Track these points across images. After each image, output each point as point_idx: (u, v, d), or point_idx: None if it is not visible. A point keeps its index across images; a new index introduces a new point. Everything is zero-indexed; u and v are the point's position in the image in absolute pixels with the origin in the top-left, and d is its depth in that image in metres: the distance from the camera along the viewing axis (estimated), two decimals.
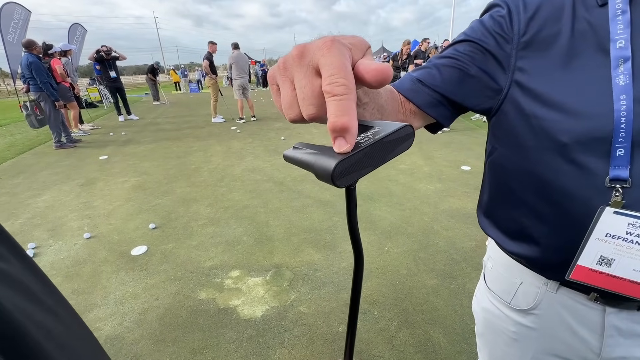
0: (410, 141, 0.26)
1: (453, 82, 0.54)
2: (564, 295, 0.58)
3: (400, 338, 1.62)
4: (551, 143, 0.49)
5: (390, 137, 0.25)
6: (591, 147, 0.46)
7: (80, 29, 10.83)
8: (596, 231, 0.47)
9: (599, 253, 0.48)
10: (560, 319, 0.59)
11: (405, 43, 7.12)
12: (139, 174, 4.20)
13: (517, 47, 0.51)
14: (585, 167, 0.47)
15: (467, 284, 1.98)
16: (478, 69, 0.53)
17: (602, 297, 0.54)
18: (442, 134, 5.89)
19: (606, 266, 0.49)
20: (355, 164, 0.23)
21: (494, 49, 0.53)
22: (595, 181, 0.47)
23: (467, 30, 0.57)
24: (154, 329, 1.73)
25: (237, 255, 2.37)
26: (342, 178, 0.22)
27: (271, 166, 4.35)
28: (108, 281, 2.13)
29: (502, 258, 0.67)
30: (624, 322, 0.54)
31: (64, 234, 2.74)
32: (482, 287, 0.74)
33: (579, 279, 0.51)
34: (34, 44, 5.34)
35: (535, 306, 0.61)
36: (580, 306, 0.57)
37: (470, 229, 2.60)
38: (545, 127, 0.49)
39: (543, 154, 0.50)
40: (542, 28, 0.49)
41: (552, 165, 0.50)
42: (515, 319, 0.65)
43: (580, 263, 0.50)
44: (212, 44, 7.42)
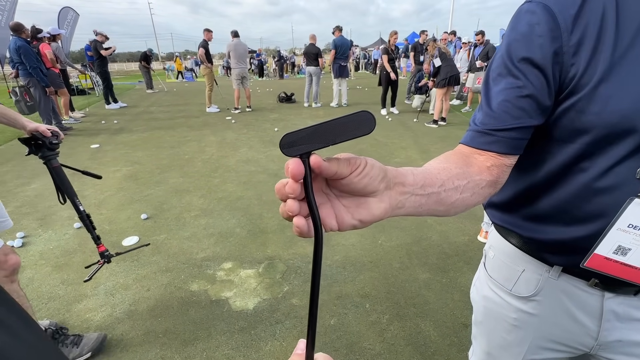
0: (370, 125, 0.29)
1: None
2: (565, 281, 0.60)
3: (391, 331, 1.63)
4: (589, 136, 0.49)
5: (341, 120, 0.28)
6: (627, 139, 0.46)
7: (71, 12, 10.47)
8: (620, 221, 0.48)
9: (617, 242, 0.50)
10: (561, 305, 0.61)
11: (392, 34, 7.05)
12: (131, 164, 4.14)
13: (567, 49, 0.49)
14: (619, 157, 0.47)
15: (459, 278, 2.00)
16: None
17: (601, 283, 0.56)
18: (439, 128, 5.88)
19: (621, 255, 0.50)
20: (303, 138, 0.27)
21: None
22: (627, 172, 0.47)
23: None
24: (144, 320, 1.71)
25: (229, 247, 2.35)
26: (288, 148, 0.28)
27: (266, 157, 4.32)
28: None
29: (505, 247, 0.68)
30: (621, 307, 0.57)
31: (54, 224, 2.69)
32: (483, 276, 0.75)
33: (593, 266, 0.53)
34: (22, 27, 5.19)
35: (537, 293, 0.63)
36: (580, 292, 0.59)
37: (463, 223, 2.61)
38: (585, 121, 0.48)
39: (580, 147, 0.50)
40: (587, 25, 0.47)
41: (588, 156, 0.50)
42: (516, 306, 0.66)
43: (597, 252, 0.51)
44: (207, 32, 7.27)
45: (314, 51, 7.84)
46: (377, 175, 0.33)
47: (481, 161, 0.52)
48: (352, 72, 16.66)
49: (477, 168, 0.50)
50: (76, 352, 1.46)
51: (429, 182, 0.42)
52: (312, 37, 7.93)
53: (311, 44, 7.92)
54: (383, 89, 7.25)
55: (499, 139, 0.51)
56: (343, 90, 8.05)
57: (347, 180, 0.31)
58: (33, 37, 5.96)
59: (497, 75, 0.54)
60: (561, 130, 0.52)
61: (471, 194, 0.47)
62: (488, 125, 0.52)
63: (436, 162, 0.49)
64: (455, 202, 0.45)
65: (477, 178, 0.49)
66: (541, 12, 0.49)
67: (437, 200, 0.42)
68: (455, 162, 0.49)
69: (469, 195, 0.47)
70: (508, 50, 0.53)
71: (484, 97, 0.57)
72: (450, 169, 0.46)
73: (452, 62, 5.80)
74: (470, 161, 0.51)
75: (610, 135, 0.47)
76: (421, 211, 0.42)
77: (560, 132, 0.52)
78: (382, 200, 0.35)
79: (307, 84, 8.21)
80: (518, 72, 0.51)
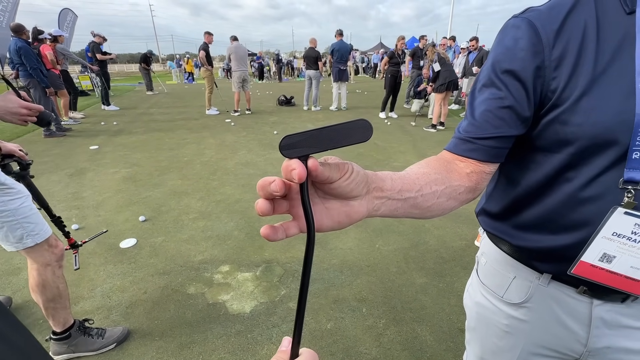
0: (367, 133, 0.30)
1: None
2: (554, 288, 0.61)
3: (387, 335, 1.64)
4: (573, 147, 0.50)
5: (340, 126, 0.29)
6: (609, 149, 0.47)
7: (70, 14, 10.54)
8: (604, 230, 0.49)
9: (602, 250, 0.51)
10: (551, 312, 0.62)
11: (399, 38, 7.12)
12: (130, 165, 4.14)
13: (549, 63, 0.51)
14: (602, 168, 0.49)
15: (456, 283, 2.00)
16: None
17: (590, 290, 0.57)
18: (436, 133, 5.91)
19: (607, 263, 0.51)
20: (302, 142, 0.28)
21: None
22: (610, 182, 0.49)
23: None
24: (141, 322, 1.71)
25: (227, 250, 2.35)
26: (287, 150, 0.28)
27: (265, 160, 4.33)
28: (95, 274, 2.10)
29: (496, 254, 0.69)
30: (609, 314, 0.58)
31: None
32: (475, 282, 0.76)
33: (579, 273, 0.54)
34: (23, 28, 5.22)
35: (527, 299, 0.64)
36: (570, 299, 0.60)
37: (460, 228, 2.62)
38: (568, 132, 0.50)
39: (565, 157, 0.52)
40: (569, 41, 0.49)
41: (573, 166, 0.51)
42: (507, 312, 0.67)
43: (583, 259, 0.52)
44: (208, 35, 7.31)
45: (314, 55, 7.88)
46: (361, 180, 0.35)
47: (461, 167, 0.54)
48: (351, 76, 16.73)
49: (456, 174, 0.53)
50: (102, 343, 1.54)
51: (407, 187, 0.44)
52: (312, 41, 7.98)
53: (311, 48, 7.96)
54: (387, 92, 7.29)
55: (479, 147, 0.54)
56: (342, 94, 8.08)
57: (336, 185, 0.33)
58: (34, 39, 5.98)
59: (482, 85, 0.56)
60: (547, 141, 0.53)
61: (447, 199, 0.49)
62: (470, 134, 0.55)
63: (417, 167, 0.51)
64: (432, 207, 0.47)
65: (456, 184, 0.51)
66: (525, 27, 0.51)
67: (413, 205, 0.45)
68: (436, 167, 0.52)
69: (445, 200, 0.49)
70: (493, 62, 0.55)
71: (468, 106, 0.59)
72: (429, 174, 0.48)
73: (451, 67, 5.84)
74: (450, 167, 0.53)
75: (593, 146, 0.48)
76: (397, 214, 0.44)
77: (546, 143, 0.53)
78: (361, 204, 0.37)
79: (307, 87, 8.24)
80: (501, 83, 0.53)
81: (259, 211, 0.31)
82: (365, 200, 0.37)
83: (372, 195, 0.39)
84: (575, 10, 0.50)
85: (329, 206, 0.35)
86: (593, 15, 0.49)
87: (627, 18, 0.47)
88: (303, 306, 0.31)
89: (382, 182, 0.40)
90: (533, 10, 0.53)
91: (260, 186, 0.31)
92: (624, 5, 0.47)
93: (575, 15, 0.50)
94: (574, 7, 0.50)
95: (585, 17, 0.49)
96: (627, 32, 0.47)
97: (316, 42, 7.95)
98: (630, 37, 0.46)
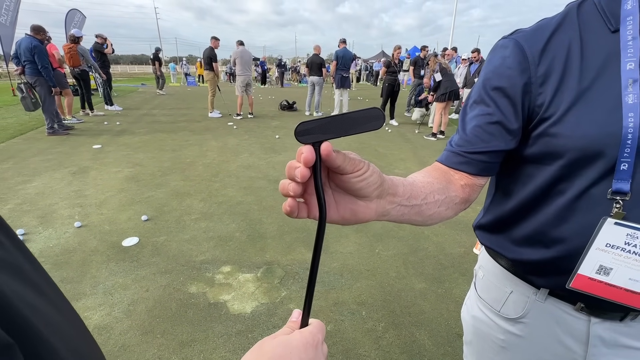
0: (379, 122, 0.32)
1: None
2: (551, 304, 0.61)
3: (386, 339, 1.66)
4: (563, 160, 0.52)
5: (354, 115, 0.30)
6: (598, 161, 0.49)
7: (78, 14, 10.65)
8: (597, 241, 0.50)
9: (598, 262, 0.51)
10: (548, 328, 0.62)
11: (396, 48, 7.26)
12: (133, 165, 4.17)
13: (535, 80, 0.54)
14: (593, 180, 0.50)
15: (454, 289, 2.03)
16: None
17: (587, 308, 0.57)
18: (437, 141, 5.97)
19: (604, 275, 0.51)
20: (317, 128, 0.29)
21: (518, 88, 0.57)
22: (600, 194, 0.50)
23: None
24: (142, 320, 1.73)
25: (229, 250, 2.38)
26: (303, 136, 0.29)
27: (266, 164, 4.36)
28: (98, 271, 2.12)
29: (493, 267, 0.69)
30: (607, 332, 0.57)
31: (54, 222, 2.71)
32: (473, 296, 0.76)
33: (578, 287, 0.54)
34: (43, 30, 5.45)
35: (524, 315, 0.64)
36: (567, 316, 0.59)
37: (459, 235, 2.65)
38: (558, 145, 0.52)
39: (556, 170, 0.54)
40: (554, 59, 0.53)
41: (564, 178, 0.53)
42: (504, 327, 0.67)
43: (580, 272, 0.53)
44: (214, 40, 7.43)
45: (318, 61, 7.99)
46: (373, 182, 0.37)
47: (457, 179, 0.58)
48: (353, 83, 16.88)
49: (453, 185, 0.56)
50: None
51: (415, 194, 0.47)
52: (316, 48, 8.09)
53: (315, 55, 8.07)
54: (383, 99, 7.38)
55: (470, 161, 0.57)
56: (344, 100, 8.17)
57: (346, 178, 0.35)
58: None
59: (473, 102, 0.60)
60: (538, 153, 0.56)
61: (446, 208, 0.53)
62: (461, 147, 0.58)
63: (421, 176, 0.54)
64: (433, 215, 0.51)
65: (453, 194, 0.55)
66: (512, 47, 0.55)
67: (418, 212, 0.48)
68: (437, 177, 0.55)
69: (444, 209, 0.53)
70: (484, 80, 0.59)
71: (460, 121, 0.62)
72: (433, 184, 0.52)
73: (452, 77, 5.92)
74: (449, 177, 0.57)
75: (583, 159, 0.50)
76: (402, 219, 0.47)
77: (538, 156, 0.56)
78: (369, 207, 0.39)
79: (310, 93, 8.33)
80: (490, 100, 0.57)
81: (290, 190, 0.33)
82: (374, 204, 0.39)
83: (386, 200, 0.41)
84: (559, 31, 0.54)
85: (337, 199, 0.38)
86: (577, 35, 0.52)
87: (611, 36, 0.51)
88: (314, 279, 0.33)
89: (396, 188, 0.43)
90: (520, 31, 0.58)
91: (287, 169, 0.33)
92: (608, 24, 0.51)
93: (559, 35, 0.54)
94: (558, 28, 0.54)
95: (569, 36, 0.53)
96: (611, 49, 0.50)
97: (320, 49, 8.06)
98: (615, 54, 0.49)
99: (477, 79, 0.63)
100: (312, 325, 0.35)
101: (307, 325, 0.35)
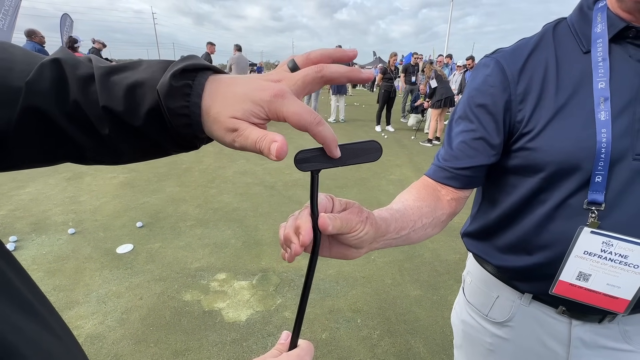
0: (377, 154, 0.32)
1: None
2: (535, 308, 0.64)
3: (382, 347, 1.65)
4: (544, 172, 0.55)
5: (353, 146, 0.31)
6: (575, 174, 0.53)
7: (68, 19, 10.87)
8: (576, 249, 0.53)
9: (578, 269, 0.54)
10: (532, 331, 0.65)
11: (392, 55, 7.34)
12: (128, 171, 4.15)
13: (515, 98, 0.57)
14: (571, 191, 0.53)
15: (449, 296, 2.03)
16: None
17: (568, 311, 0.60)
18: (432, 147, 6.01)
19: (584, 281, 0.55)
20: (316, 157, 0.30)
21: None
22: (577, 204, 0.53)
23: None
24: (136, 329, 1.71)
25: (224, 257, 2.37)
26: (302, 164, 0.30)
27: (263, 170, 4.37)
28: (91, 279, 2.10)
29: (481, 273, 0.72)
30: (588, 334, 0.60)
31: (48, 229, 2.68)
32: (462, 301, 0.79)
33: (560, 292, 0.57)
34: (34, 32, 5.59)
35: (510, 319, 0.66)
36: (550, 319, 0.62)
37: (454, 242, 2.66)
38: (537, 158, 0.55)
39: (538, 181, 0.56)
40: (532, 77, 0.56)
41: (545, 189, 0.56)
42: (491, 331, 0.70)
43: (562, 278, 0.56)
44: (211, 45, 7.45)
45: None
46: (369, 238, 0.39)
47: (443, 194, 0.61)
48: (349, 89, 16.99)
49: (441, 202, 0.60)
50: None
51: (404, 225, 0.50)
52: None
53: None
54: (380, 106, 7.44)
55: (456, 176, 0.61)
56: (341, 106, 8.22)
57: (342, 237, 0.37)
58: (71, 47, 6.38)
59: (458, 117, 0.63)
60: (520, 166, 0.59)
61: (432, 228, 0.57)
62: (448, 162, 0.62)
63: (412, 200, 0.57)
64: (420, 237, 0.55)
65: (440, 213, 0.58)
66: (494, 66, 0.59)
67: (405, 239, 0.51)
68: (426, 198, 0.58)
69: (430, 230, 0.57)
70: (468, 97, 0.62)
71: (446, 136, 0.66)
72: (422, 208, 0.55)
73: (447, 84, 6.00)
74: (436, 195, 0.61)
75: (561, 171, 0.53)
76: (387, 247, 0.50)
77: (520, 168, 0.59)
78: (359, 252, 0.41)
79: (306, 99, 8.37)
80: (474, 116, 0.60)
81: (294, 255, 0.35)
82: (366, 248, 0.41)
83: (376, 242, 0.44)
84: (537, 51, 0.57)
85: (331, 243, 0.39)
86: (553, 55, 0.56)
87: (584, 57, 0.54)
88: (305, 301, 0.34)
89: (388, 227, 0.45)
90: (500, 51, 0.61)
91: (285, 238, 0.35)
92: (580, 45, 0.55)
93: (536, 55, 0.57)
94: (535, 48, 0.58)
95: (546, 56, 0.56)
96: (584, 69, 0.53)
97: None
98: (588, 74, 0.53)
99: (462, 95, 0.66)
100: (300, 347, 0.35)
101: (296, 347, 0.35)
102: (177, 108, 0.28)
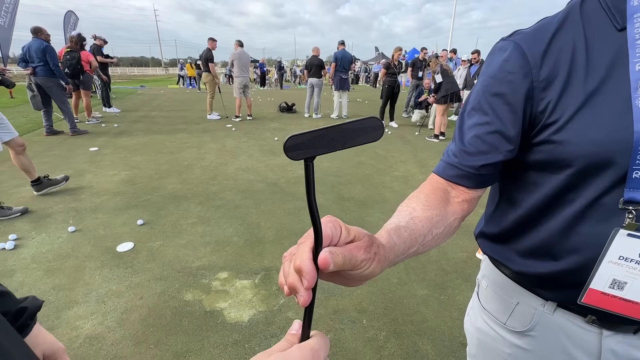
0: (379, 132, 0.29)
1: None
2: (560, 317, 0.57)
3: (388, 348, 1.60)
4: (572, 168, 0.49)
5: (350, 125, 0.27)
6: (608, 169, 0.46)
7: (73, 16, 10.85)
8: (609, 254, 0.47)
9: (611, 276, 0.48)
10: (557, 342, 0.58)
11: (396, 50, 7.22)
12: (130, 168, 4.12)
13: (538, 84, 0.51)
14: (603, 189, 0.47)
15: (457, 296, 1.98)
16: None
17: (599, 320, 0.54)
18: (438, 142, 5.93)
19: (618, 289, 0.48)
20: (309, 142, 0.26)
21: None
22: (611, 204, 0.47)
23: None
24: (136, 329, 1.67)
25: (226, 256, 2.32)
26: (293, 151, 0.26)
27: (265, 166, 4.31)
28: (91, 277, 2.06)
29: (498, 277, 0.66)
30: (620, 346, 0.54)
31: (48, 226, 2.65)
32: (476, 307, 0.73)
33: (590, 302, 0.50)
34: (41, 29, 5.52)
35: (532, 328, 0.60)
36: (577, 329, 0.56)
37: (461, 239, 2.60)
38: (564, 152, 0.49)
39: (565, 178, 0.50)
40: (557, 61, 0.49)
41: (573, 188, 0.50)
42: (510, 341, 0.64)
43: (592, 286, 0.49)
44: (212, 41, 7.38)
45: (317, 63, 7.96)
46: (374, 273, 0.36)
47: (454, 196, 0.56)
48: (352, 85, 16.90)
49: (451, 207, 0.54)
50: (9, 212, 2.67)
51: (413, 241, 0.45)
52: (315, 50, 8.06)
53: (314, 56, 8.04)
54: (383, 101, 7.36)
55: (468, 174, 0.55)
56: (343, 102, 8.13)
57: (345, 273, 0.34)
58: (79, 45, 6.49)
59: (471, 109, 0.56)
60: (543, 161, 0.52)
61: (444, 236, 0.53)
62: (459, 159, 0.56)
63: (421, 210, 0.51)
64: (430, 248, 0.51)
65: (451, 219, 0.53)
66: (512, 49, 0.52)
67: (414, 253, 0.47)
68: (437, 206, 0.52)
69: (442, 239, 0.52)
70: (483, 86, 0.55)
71: (457, 129, 0.58)
72: (432, 218, 0.50)
73: (453, 79, 5.89)
74: (447, 198, 0.55)
75: (592, 166, 0.47)
76: (396, 263, 0.45)
77: (543, 164, 0.52)
78: (362, 281, 0.38)
79: (309, 95, 8.29)
80: (489, 107, 0.53)
81: (303, 304, 0.31)
82: (370, 276, 0.37)
83: (380, 269, 0.39)
84: (562, 31, 0.50)
85: (334, 274, 0.35)
86: (581, 35, 0.48)
87: (618, 35, 0.46)
88: (314, 291, 0.30)
89: (394, 254, 0.41)
90: (520, 32, 0.54)
91: (290, 286, 0.30)
92: (614, 22, 0.47)
93: (562, 36, 0.49)
94: (560, 27, 0.50)
95: (573, 36, 0.49)
96: (619, 49, 0.46)
97: (319, 50, 8.03)
98: (623, 53, 0.45)
99: (475, 84, 0.58)
100: (314, 339, 0.30)
101: (308, 339, 0.30)
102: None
